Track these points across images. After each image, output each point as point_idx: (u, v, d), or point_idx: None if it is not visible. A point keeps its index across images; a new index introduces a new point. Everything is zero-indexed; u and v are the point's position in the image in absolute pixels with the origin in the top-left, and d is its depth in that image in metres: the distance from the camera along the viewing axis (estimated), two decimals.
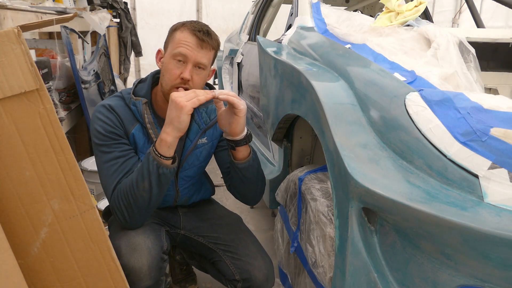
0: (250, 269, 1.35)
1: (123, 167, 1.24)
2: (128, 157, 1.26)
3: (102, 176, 1.25)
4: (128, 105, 1.30)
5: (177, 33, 1.25)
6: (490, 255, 0.74)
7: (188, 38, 1.22)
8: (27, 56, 0.84)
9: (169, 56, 1.25)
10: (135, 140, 1.30)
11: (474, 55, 1.28)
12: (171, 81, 1.24)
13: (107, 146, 1.25)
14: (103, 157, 1.25)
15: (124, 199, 1.18)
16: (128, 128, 1.29)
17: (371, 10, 3.21)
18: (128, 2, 5.48)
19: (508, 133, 0.82)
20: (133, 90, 1.32)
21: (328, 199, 1.23)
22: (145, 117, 1.29)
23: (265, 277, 1.36)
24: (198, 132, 1.38)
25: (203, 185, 1.54)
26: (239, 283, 1.36)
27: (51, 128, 0.89)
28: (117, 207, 1.20)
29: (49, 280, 0.95)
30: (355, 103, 1.10)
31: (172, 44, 1.25)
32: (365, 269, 0.90)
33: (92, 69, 2.75)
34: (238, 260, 1.37)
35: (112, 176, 1.23)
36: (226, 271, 1.38)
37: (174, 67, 1.23)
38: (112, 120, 1.27)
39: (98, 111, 1.28)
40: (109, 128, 1.26)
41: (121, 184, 1.21)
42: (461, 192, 0.82)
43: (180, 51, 1.22)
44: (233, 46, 3.29)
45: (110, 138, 1.25)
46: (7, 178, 0.88)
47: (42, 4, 2.59)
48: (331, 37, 1.57)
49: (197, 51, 1.23)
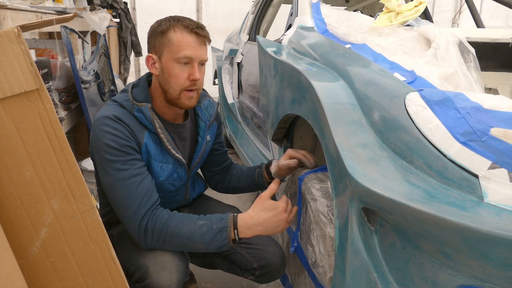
0: (267, 256, 1.39)
1: (142, 187, 1.17)
2: (145, 176, 1.20)
3: (118, 195, 1.17)
4: (131, 112, 1.23)
5: (170, 34, 1.20)
6: (490, 255, 0.74)
7: (188, 38, 1.19)
8: (27, 56, 0.84)
9: (171, 60, 1.20)
10: (148, 149, 1.25)
11: (474, 55, 1.28)
12: (180, 85, 1.21)
13: (121, 163, 1.17)
14: (118, 175, 1.16)
15: (168, 238, 1.16)
16: (139, 138, 1.22)
17: (371, 10, 3.21)
18: (128, 2, 5.48)
19: (508, 133, 0.82)
20: (131, 96, 1.25)
21: (328, 199, 1.23)
22: (155, 122, 1.24)
23: (280, 261, 1.41)
24: (205, 129, 1.40)
25: (197, 179, 1.57)
26: (257, 271, 1.39)
27: (51, 128, 0.88)
28: (150, 236, 1.16)
29: (49, 280, 0.95)
30: (355, 103, 1.10)
31: (170, 47, 1.20)
32: (365, 269, 0.90)
33: (92, 69, 2.75)
34: (253, 249, 1.40)
35: (133, 196, 1.16)
36: (241, 261, 1.40)
37: (180, 71, 1.20)
38: (123, 132, 1.18)
39: (104, 123, 1.18)
40: (122, 142, 1.17)
41: (170, 226, 1.16)
42: (461, 192, 0.81)
43: (185, 54, 1.19)
44: (233, 46, 3.29)
45: (124, 153, 1.17)
46: (7, 178, 0.88)
47: (42, 4, 2.59)
48: (331, 37, 1.57)
49: (199, 49, 1.21)
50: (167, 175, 1.33)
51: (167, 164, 1.32)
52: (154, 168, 1.28)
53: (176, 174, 1.36)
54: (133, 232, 1.17)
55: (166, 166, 1.31)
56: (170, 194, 1.40)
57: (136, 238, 1.18)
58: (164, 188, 1.35)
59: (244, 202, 2.66)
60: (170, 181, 1.35)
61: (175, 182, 1.37)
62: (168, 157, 1.31)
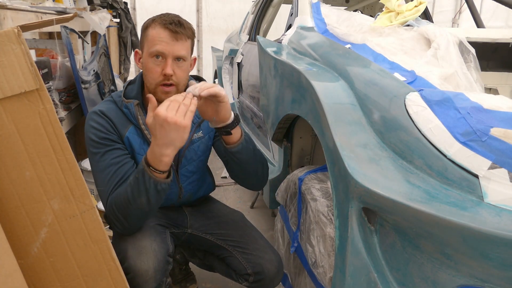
0: (262, 262, 1.37)
1: (116, 175, 1.22)
2: (122, 164, 1.24)
3: (97, 185, 1.24)
4: (120, 108, 1.30)
5: (149, 30, 1.24)
6: (490, 255, 0.74)
7: (161, 33, 1.21)
8: (27, 56, 0.84)
9: (146, 55, 1.24)
10: (131, 142, 1.29)
11: (474, 55, 1.29)
12: (154, 80, 1.23)
13: (100, 154, 1.24)
14: (97, 166, 1.23)
15: (121, 211, 1.17)
16: (121, 131, 1.28)
17: (371, 10, 3.21)
18: (128, 2, 5.48)
19: (508, 133, 0.82)
20: (124, 92, 1.31)
21: (328, 199, 1.23)
22: (139, 118, 1.29)
23: (276, 269, 1.39)
24: (193, 127, 1.38)
25: (206, 179, 1.55)
26: (251, 276, 1.38)
27: (51, 128, 0.89)
28: (114, 217, 1.19)
29: (49, 280, 0.95)
30: (355, 103, 1.10)
31: (147, 43, 1.24)
32: (365, 269, 0.90)
33: (92, 69, 2.75)
34: (249, 254, 1.39)
35: (106, 185, 1.21)
36: (237, 266, 1.40)
37: (154, 65, 1.22)
38: (104, 126, 1.26)
39: (90, 118, 1.27)
40: (102, 135, 1.25)
41: (115, 196, 1.18)
42: (461, 192, 0.82)
43: (156, 48, 1.21)
44: (233, 46, 3.29)
45: (103, 145, 1.24)
46: (7, 178, 0.88)
47: (42, 4, 2.59)
48: (331, 37, 1.57)
49: (172, 44, 1.21)
50: None
51: None
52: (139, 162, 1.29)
53: None
54: (109, 218, 1.22)
55: None
56: None
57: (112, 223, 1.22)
58: None
59: (244, 202, 2.66)
60: None
61: None
62: None
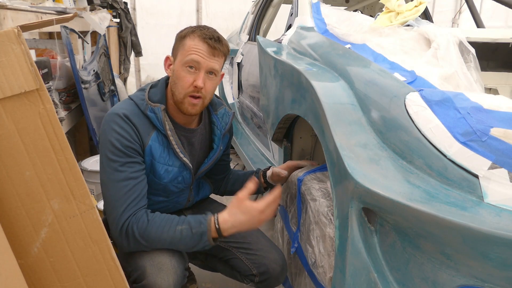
0: (266, 262, 1.38)
1: (132, 192, 1.19)
2: (139, 180, 1.21)
3: (108, 195, 1.20)
4: (143, 112, 1.25)
5: (187, 40, 1.23)
6: (490, 255, 0.74)
7: (199, 46, 1.21)
8: (27, 56, 0.84)
9: (180, 63, 1.23)
10: (152, 151, 1.26)
11: (474, 55, 1.28)
12: (184, 89, 1.23)
13: (120, 164, 1.19)
14: (114, 175, 1.18)
15: (149, 242, 1.16)
16: (144, 139, 1.24)
17: (371, 10, 3.22)
18: (128, 2, 5.48)
19: (508, 133, 0.82)
20: (147, 95, 1.27)
21: (328, 200, 1.23)
22: (166, 124, 1.25)
23: (281, 268, 1.39)
24: (220, 137, 1.43)
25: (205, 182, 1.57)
26: (256, 277, 1.38)
27: (51, 128, 0.89)
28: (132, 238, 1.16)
29: (49, 280, 0.95)
30: (355, 103, 1.10)
31: (182, 51, 1.23)
32: (365, 269, 0.90)
33: (92, 69, 2.75)
34: (253, 255, 1.39)
35: (121, 198, 1.17)
36: (241, 267, 1.40)
37: (186, 74, 1.22)
38: (129, 132, 1.20)
39: (113, 120, 1.21)
40: (126, 142, 1.19)
41: (149, 227, 1.16)
42: (461, 192, 0.81)
43: (192, 58, 1.21)
44: (233, 46, 3.29)
45: (125, 155, 1.19)
46: (7, 178, 0.88)
47: (42, 4, 2.59)
48: (331, 37, 1.57)
49: (209, 58, 1.22)
50: (171, 178, 1.33)
51: (173, 167, 1.32)
52: (158, 171, 1.29)
53: (181, 178, 1.36)
54: (114, 233, 1.18)
55: (171, 169, 1.31)
56: (173, 195, 1.40)
57: (117, 240, 1.19)
58: (167, 189, 1.36)
59: None
60: (174, 183, 1.36)
61: (179, 185, 1.38)
62: (174, 160, 1.31)
